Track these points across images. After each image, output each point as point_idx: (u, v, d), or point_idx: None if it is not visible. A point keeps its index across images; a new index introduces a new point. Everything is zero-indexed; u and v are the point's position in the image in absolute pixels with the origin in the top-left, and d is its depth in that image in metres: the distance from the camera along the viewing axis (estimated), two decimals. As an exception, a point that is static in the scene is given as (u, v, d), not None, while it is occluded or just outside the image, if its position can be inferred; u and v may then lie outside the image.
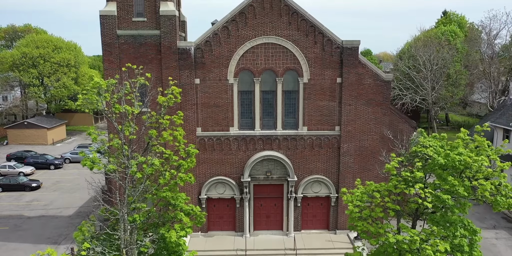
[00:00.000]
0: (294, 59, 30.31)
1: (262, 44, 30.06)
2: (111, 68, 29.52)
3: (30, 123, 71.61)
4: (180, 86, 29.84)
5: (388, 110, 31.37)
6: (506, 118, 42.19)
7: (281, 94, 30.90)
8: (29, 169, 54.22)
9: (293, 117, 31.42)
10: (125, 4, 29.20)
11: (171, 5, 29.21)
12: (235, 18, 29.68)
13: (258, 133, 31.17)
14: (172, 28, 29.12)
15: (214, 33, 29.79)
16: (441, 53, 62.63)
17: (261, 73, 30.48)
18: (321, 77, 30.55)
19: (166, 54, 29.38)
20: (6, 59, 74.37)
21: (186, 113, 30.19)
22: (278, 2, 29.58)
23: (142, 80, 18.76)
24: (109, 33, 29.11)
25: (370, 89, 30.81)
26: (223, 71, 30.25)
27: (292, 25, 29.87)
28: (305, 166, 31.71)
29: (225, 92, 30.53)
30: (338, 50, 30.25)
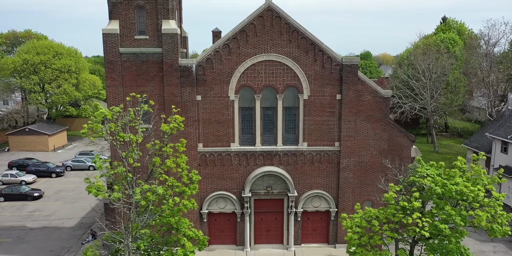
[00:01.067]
0: (294, 76, 30.71)
1: (262, 61, 30.46)
2: (114, 85, 29.88)
3: (32, 129, 71.98)
4: (182, 102, 30.29)
5: (387, 126, 31.75)
6: (504, 130, 42.57)
7: (282, 111, 31.29)
8: (31, 177, 54.57)
9: (293, 133, 31.83)
10: (127, 22, 29.57)
11: (172, 23, 29.59)
12: (236, 36, 30.06)
13: (258, 148, 31.55)
14: (174, 46, 29.48)
15: (216, 50, 30.18)
16: (440, 60, 63.03)
17: (262, 90, 30.88)
18: (321, 94, 30.95)
19: (168, 71, 29.76)
20: (7, 66, 74.71)
21: (187, 129, 30.59)
22: (279, 20, 29.97)
23: (146, 108, 19.12)
24: (111, 51, 29.48)
25: (369, 105, 31.20)
26: (224, 88, 30.64)
27: (292, 42, 30.26)
28: (305, 181, 32.11)
29: (226, 108, 30.92)
30: (338, 67, 30.64)
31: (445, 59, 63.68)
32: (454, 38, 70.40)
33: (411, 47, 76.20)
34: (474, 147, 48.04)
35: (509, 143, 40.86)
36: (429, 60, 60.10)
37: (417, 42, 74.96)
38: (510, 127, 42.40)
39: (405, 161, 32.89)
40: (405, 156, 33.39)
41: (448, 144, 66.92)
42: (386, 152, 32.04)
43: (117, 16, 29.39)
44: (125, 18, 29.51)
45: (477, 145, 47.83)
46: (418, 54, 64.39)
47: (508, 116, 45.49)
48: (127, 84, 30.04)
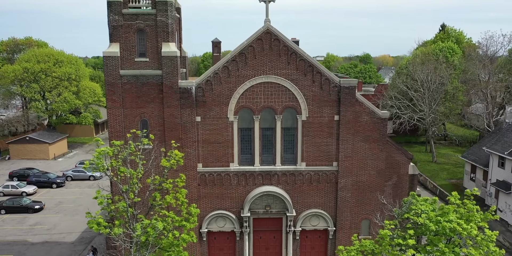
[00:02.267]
0: (293, 97, 31.07)
1: (261, 83, 30.81)
2: (114, 107, 30.22)
3: (32, 138, 72.39)
4: (181, 124, 30.65)
5: (385, 146, 32.11)
6: (501, 145, 42.95)
7: (280, 131, 31.65)
8: (32, 188, 54.98)
9: (291, 153, 32.19)
10: (128, 45, 29.91)
11: (172, 46, 29.93)
12: (235, 58, 30.41)
13: (257, 168, 31.91)
14: (174, 68, 29.83)
15: (215, 72, 30.53)
16: (439, 70, 63.36)
17: (261, 111, 31.24)
18: (319, 115, 31.30)
19: (168, 93, 30.10)
20: (8, 74, 75.10)
21: (187, 150, 30.94)
22: (277, 43, 30.32)
23: (146, 141, 19.47)
24: (112, 74, 29.82)
25: (367, 126, 31.57)
26: (224, 109, 30.99)
27: (291, 65, 30.62)
28: (303, 200, 32.48)
29: (226, 129, 31.27)
30: (336, 89, 31.00)
31: (443, 69, 64.04)
32: (452, 47, 70.77)
33: (410, 56, 76.47)
34: (472, 160, 48.44)
35: (506, 159, 41.21)
36: (428, 70, 60.39)
37: (416, 51, 75.25)
38: (507, 142, 42.77)
39: (403, 166, 33.24)
40: (402, 173, 33.76)
41: (446, 153, 67.25)
42: (383, 171, 32.42)
43: (118, 39, 29.72)
44: (125, 41, 29.85)
45: (474, 158, 48.22)
46: (416, 64, 64.70)
47: (506, 129, 45.86)
48: (128, 105, 30.40)
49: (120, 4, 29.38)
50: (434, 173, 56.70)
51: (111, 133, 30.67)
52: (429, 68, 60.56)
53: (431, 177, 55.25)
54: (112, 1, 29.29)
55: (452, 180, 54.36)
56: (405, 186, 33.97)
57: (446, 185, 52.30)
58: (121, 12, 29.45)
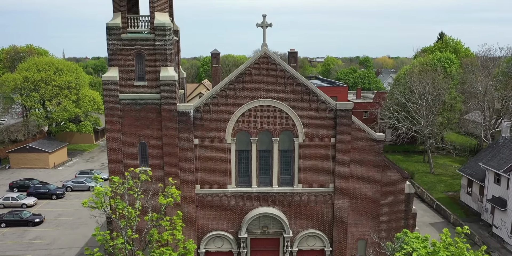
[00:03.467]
0: (289, 120, 31.46)
1: (259, 106, 31.20)
2: (113, 130, 30.62)
3: (32, 147, 72.73)
4: (179, 146, 31.03)
5: (381, 167, 32.49)
6: (497, 161, 43.32)
7: (277, 153, 32.05)
8: (32, 200, 55.31)
9: (288, 174, 32.58)
10: (126, 69, 30.30)
11: (171, 70, 30.30)
12: (233, 82, 30.81)
13: (255, 190, 32.31)
14: (172, 92, 30.21)
15: (213, 96, 30.93)
16: (436, 80, 63.73)
17: (258, 134, 31.63)
18: (316, 137, 31.70)
19: (166, 117, 30.48)
20: (8, 83, 75.49)
21: (185, 172, 31.36)
22: (274, 67, 30.72)
23: (144, 177, 19.86)
24: (111, 97, 30.21)
25: (363, 148, 31.96)
26: (221, 132, 31.39)
27: (287, 88, 31.01)
28: (300, 221, 32.87)
29: (223, 151, 31.66)
30: (332, 112, 31.40)
31: (442, 80, 64.41)
32: (450, 58, 71.13)
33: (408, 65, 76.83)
34: (468, 174, 48.82)
35: (502, 176, 41.58)
36: (426, 82, 60.75)
37: (414, 61, 75.59)
38: (503, 158, 43.14)
39: (399, 184, 33.62)
40: (398, 192, 34.16)
41: (444, 163, 67.60)
42: (379, 192, 32.82)
43: (117, 63, 30.11)
44: (124, 65, 30.23)
45: (471, 173, 48.58)
46: (414, 75, 65.02)
47: (502, 145, 46.23)
48: (126, 128, 30.80)
49: (119, 29, 29.77)
50: (431, 185, 57.07)
51: (110, 155, 31.07)
52: (427, 80, 60.89)
53: (428, 189, 55.62)
54: (111, 26, 29.68)
55: (449, 193, 54.74)
56: (401, 204, 34.38)
57: (443, 198, 52.67)
58: (120, 37, 29.84)
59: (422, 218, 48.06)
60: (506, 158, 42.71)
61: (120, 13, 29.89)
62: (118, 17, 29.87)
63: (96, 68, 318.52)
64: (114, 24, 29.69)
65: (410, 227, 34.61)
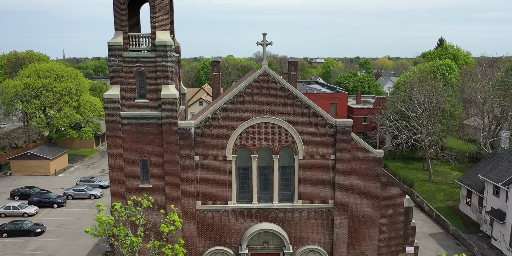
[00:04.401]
0: (289, 137, 31.71)
1: (259, 123, 31.46)
2: (115, 147, 30.88)
3: (33, 154, 72.97)
4: (180, 163, 31.29)
5: (380, 184, 32.75)
6: (496, 173, 43.55)
7: (277, 170, 32.31)
8: (33, 209, 55.55)
9: (288, 190, 32.84)
10: (128, 87, 30.55)
11: (172, 88, 30.54)
12: (233, 100, 31.06)
13: (255, 206, 32.57)
14: (173, 110, 30.45)
15: (214, 114, 31.17)
16: (436, 88, 63.99)
17: (258, 150, 31.88)
18: (316, 154, 31.95)
19: (168, 134, 30.73)
20: (9, 89, 75.71)
21: (186, 188, 31.63)
22: (274, 85, 30.96)
23: (146, 204, 20.10)
24: (113, 115, 30.46)
25: (363, 165, 32.22)
26: (222, 149, 31.64)
27: (288, 106, 31.26)
28: (300, 236, 33.12)
29: (224, 168, 31.91)
30: (332, 129, 31.65)
31: (441, 88, 64.66)
32: (450, 65, 71.37)
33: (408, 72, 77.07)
34: (468, 185, 49.05)
35: (500, 188, 41.80)
36: (425, 91, 60.97)
37: (414, 68, 75.82)
38: (501, 171, 43.37)
39: (399, 199, 33.93)
40: (398, 206, 34.44)
41: (443, 171, 67.79)
42: (379, 208, 33.09)
43: (118, 81, 30.36)
44: (126, 83, 30.48)
45: (470, 183, 48.81)
46: (414, 83, 65.22)
47: (501, 156, 46.45)
48: (128, 146, 31.05)
49: (120, 47, 30.01)
50: (430, 194, 57.29)
51: (112, 172, 31.32)
52: (427, 88, 61.10)
53: (427, 198, 55.84)
54: (113, 45, 29.92)
55: (449, 202, 54.96)
56: (400, 218, 34.66)
57: (443, 208, 52.90)
58: (121, 56, 30.09)
59: (422, 229, 48.30)
60: (505, 171, 42.94)
61: (122, 32, 30.11)
62: (120, 36, 30.10)
63: (96, 69, 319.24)
64: (115, 42, 29.94)
65: (409, 241, 34.96)
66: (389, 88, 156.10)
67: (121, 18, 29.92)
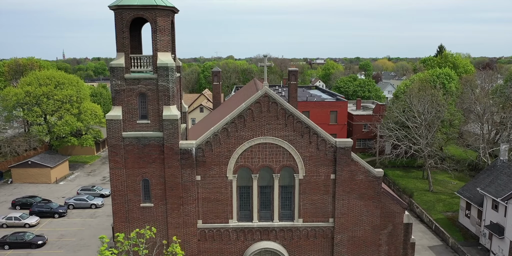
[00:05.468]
0: (290, 157, 31.98)
1: (260, 143, 31.72)
2: (117, 167, 31.14)
3: (34, 162, 73.30)
4: (182, 183, 31.57)
5: (380, 203, 33.02)
6: (495, 188, 43.83)
7: (278, 189, 32.58)
8: (34, 220, 55.83)
9: (289, 209, 33.11)
10: (130, 108, 30.79)
11: (173, 109, 30.79)
12: (234, 120, 31.32)
13: (256, 224, 32.84)
14: (175, 131, 30.71)
15: (214, 134, 31.44)
16: (436, 97, 64.27)
17: (259, 170, 32.15)
18: (316, 174, 32.22)
19: (169, 154, 30.98)
20: (10, 97, 76.02)
21: (187, 208, 31.90)
22: (275, 106, 31.22)
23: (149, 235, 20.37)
24: (114, 136, 30.71)
25: (362, 184, 32.49)
26: (223, 169, 31.90)
27: (288, 126, 31.53)
28: (300, 255, 33.38)
29: (225, 187, 32.18)
30: (332, 149, 31.91)
31: (441, 97, 64.89)
32: (450, 74, 71.63)
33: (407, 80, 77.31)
34: (467, 197, 49.32)
35: (499, 203, 42.07)
36: (425, 101, 61.21)
37: (413, 76, 76.08)
38: (500, 185, 43.65)
39: (398, 215, 34.22)
40: (397, 222, 34.70)
41: (443, 179, 68.03)
42: (378, 226, 33.36)
43: (120, 102, 30.61)
44: (127, 104, 30.72)
45: (469, 196, 49.08)
46: (414, 93, 65.44)
47: (500, 170, 46.72)
48: (130, 166, 31.31)
49: (122, 69, 30.26)
50: (430, 205, 57.57)
51: (114, 192, 31.58)
52: (426, 98, 61.35)
53: (427, 209, 56.13)
54: (115, 66, 30.17)
55: (448, 213, 55.23)
56: (400, 234, 34.93)
57: (442, 219, 53.18)
58: (123, 77, 30.34)
59: (421, 241, 48.62)
60: (504, 185, 43.21)
61: (124, 53, 30.36)
62: (122, 57, 30.34)
63: (96, 71, 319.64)
64: (117, 64, 30.18)
65: (408, 257, 35.23)
66: (389, 92, 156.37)
67: (123, 40, 30.15)
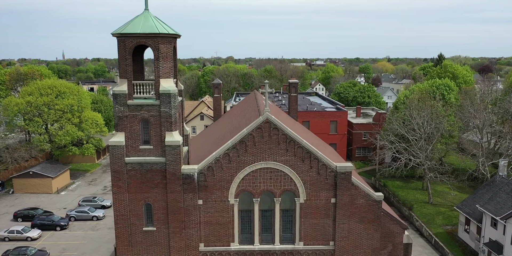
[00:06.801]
0: (291, 181, 32.33)
1: (261, 168, 32.07)
2: (120, 192, 31.49)
3: (35, 172, 73.61)
4: (184, 207, 31.92)
5: (379, 226, 33.37)
6: (494, 205, 44.17)
7: (279, 212, 32.92)
8: (36, 233, 56.15)
9: (290, 232, 33.47)
10: (133, 134, 31.11)
11: (176, 135, 31.11)
12: (236, 146, 31.65)
13: (257, 247, 33.19)
14: (177, 156, 31.05)
15: (216, 159, 31.77)
16: (435, 108, 64.66)
17: (260, 194, 32.50)
18: (317, 198, 32.57)
19: (171, 179, 31.33)
20: (11, 107, 76.28)
21: (189, 231, 32.26)
22: (276, 131, 31.56)
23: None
24: (118, 161, 31.05)
25: (362, 208, 32.83)
26: (225, 193, 32.25)
27: (289, 151, 31.87)
28: (301, 277, 33.72)
29: (227, 211, 32.52)
30: (332, 174, 32.26)
31: (440, 108, 65.25)
32: (449, 85, 71.99)
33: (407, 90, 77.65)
34: (466, 213, 49.66)
35: (498, 221, 42.41)
36: (425, 114, 61.56)
37: (413, 87, 76.42)
38: (499, 203, 44.00)
39: (397, 247, 34.62)
40: (397, 242, 35.07)
41: (442, 190, 68.33)
42: (378, 249, 33.70)
43: (123, 128, 30.93)
44: (130, 130, 31.05)
45: (468, 211, 49.43)
46: (413, 104, 65.81)
47: (499, 187, 47.06)
48: (132, 191, 31.66)
49: (125, 96, 30.59)
50: (430, 218, 57.91)
51: (117, 216, 31.91)
52: (426, 111, 61.70)
53: (427, 222, 56.48)
54: (118, 93, 30.49)
55: (448, 227, 55.56)
56: (399, 254, 35.29)
57: (442, 234, 53.53)
58: (126, 104, 30.66)
59: (421, 256, 49.01)
60: (503, 203, 43.56)
61: (126, 80, 30.68)
62: (124, 84, 30.67)
63: (96, 73, 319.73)
64: (120, 91, 30.51)
65: (408, 277, 35.59)
66: (388, 97, 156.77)
67: (126, 67, 30.48)
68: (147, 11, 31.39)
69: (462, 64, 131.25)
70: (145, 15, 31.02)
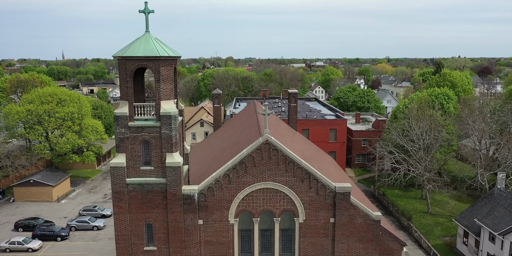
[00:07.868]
0: (290, 202, 32.65)
1: (261, 189, 32.37)
2: (121, 212, 31.78)
3: (36, 181, 73.90)
4: (184, 227, 32.23)
5: (378, 245, 33.67)
6: (492, 220, 44.49)
7: (279, 232, 33.24)
8: (37, 244, 56.46)
9: (289, 251, 33.77)
10: (134, 155, 31.40)
11: (176, 156, 31.41)
12: (236, 166, 31.96)
13: (257, 266, 33.50)
14: (177, 177, 31.35)
15: (216, 180, 32.08)
16: (434, 117, 64.97)
17: (260, 214, 32.81)
18: (316, 218, 32.88)
19: (172, 200, 31.63)
20: (12, 115, 76.58)
21: (190, 251, 32.57)
22: (276, 152, 31.86)
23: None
24: (119, 182, 31.35)
25: (361, 227, 33.14)
26: (225, 213, 32.55)
27: (288, 172, 32.18)
28: (300, 295, 34.04)
29: (227, 231, 32.83)
30: (331, 194, 32.57)
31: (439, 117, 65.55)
32: (448, 94, 72.29)
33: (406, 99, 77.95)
34: (464, 226, 49.98)
35: (496, 236, 42.73)
36: (424, 124, 61.86)
37: (412, 95, 76.73)
38: (497, 217, 44.31)
39: (396, 252, 34.93)
40: (396, 259, 35.35)
41: (441, 200, 68.57)
42: (377, 268, 34.01)
43: (124, 149, 31.22)
44: (131, 151, 31.34)
45: (467, 224, 49.74)
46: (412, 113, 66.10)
47: (497, 202, 47.36)
48: (133, 211, 31.95)
49: (126, 117, 30.88)
50: (428, 229, 58.22)
51: (117, 236, 32.22)
52: (425, 122, 62.00)
53: (425, 233, 56.80)
54: (119, 115, 30.78)
55: (446, 238, 55.89)
56: (398, 271, 35.57)
57: (440, 245, 53.86)
58: (127, 125, 30.95)
59: (419, 269, 49.32)
60: (501, 217, 43.88)
61: (128, 102, 30.98)
62: (126, 106, 30.96)
63: (96, 74, 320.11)
64: (122, 113, 30.80)
65: (406, 294, 35.90)
66: (388, 101, 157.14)
67: (127, 89, 30.80)
68: (147, 33, 31.68)
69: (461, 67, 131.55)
70: (146, 38, 31.30)
